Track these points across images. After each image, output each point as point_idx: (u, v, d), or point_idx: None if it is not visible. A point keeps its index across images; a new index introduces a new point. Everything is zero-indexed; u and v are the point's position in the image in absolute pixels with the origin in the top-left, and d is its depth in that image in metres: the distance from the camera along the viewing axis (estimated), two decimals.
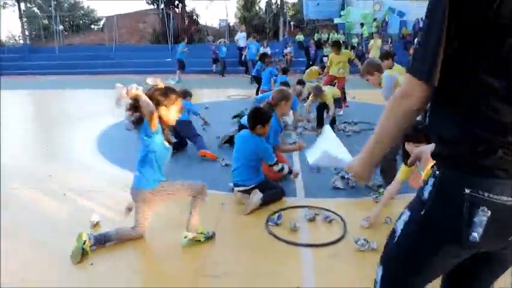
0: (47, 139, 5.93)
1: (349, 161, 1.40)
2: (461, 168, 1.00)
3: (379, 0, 20.44)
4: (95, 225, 2.96)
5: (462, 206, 0.99)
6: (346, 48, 17.42)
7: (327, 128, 1.73)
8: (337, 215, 3.10)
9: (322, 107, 6.08)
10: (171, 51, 19.91)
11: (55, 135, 6.18)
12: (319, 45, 17.52)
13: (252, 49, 13.90)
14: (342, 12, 21.05)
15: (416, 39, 1.12)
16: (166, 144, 2.60)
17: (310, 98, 6.10)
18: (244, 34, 16.76)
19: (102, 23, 30.09)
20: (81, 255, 2.46)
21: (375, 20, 19.52)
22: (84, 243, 2.47)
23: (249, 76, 13.40)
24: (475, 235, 1.00)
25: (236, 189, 3.42)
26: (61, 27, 23.97)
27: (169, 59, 18.67)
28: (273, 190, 3.42)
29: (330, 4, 24.86)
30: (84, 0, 36.24)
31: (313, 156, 1.61)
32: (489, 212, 0.97)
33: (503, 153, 0.95)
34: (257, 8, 33.15)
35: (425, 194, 1.09)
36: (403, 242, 1.17)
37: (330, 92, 5.96)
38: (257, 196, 3.19)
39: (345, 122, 6.51)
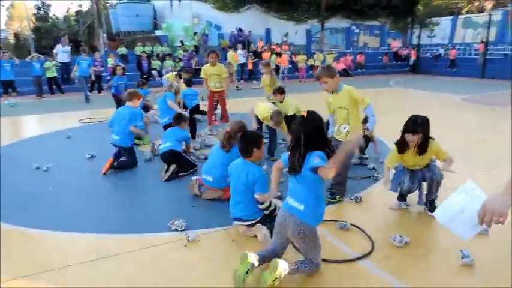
0: None
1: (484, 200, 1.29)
2: None
3: (197, 14, 21.31)
4: None
5: None
6: (174, 60, 17.59)
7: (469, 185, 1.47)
8: (353, 224, 3.21)
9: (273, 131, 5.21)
10: None
11: None
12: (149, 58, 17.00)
13: (82, 64, 12.22)
14: (163, 25, 20.96)
15: None
16: None
17: (268, 122, 4.90)
18: (67, 48, 14.45)
19: None
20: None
21: (195, 34, 20.28)
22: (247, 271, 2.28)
23: (85, 95, 11.78)
24: None
25: (239, 223, 3.11)
26: None
27: None
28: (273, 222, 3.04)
29: (142, 16, 24.44)
30: None
31: (445, 215, 1.46)
32: None
33: None
34: (54, 17, 29.17)
35: None
36: None
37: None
38: (264, 231, 2.95)
39: None
